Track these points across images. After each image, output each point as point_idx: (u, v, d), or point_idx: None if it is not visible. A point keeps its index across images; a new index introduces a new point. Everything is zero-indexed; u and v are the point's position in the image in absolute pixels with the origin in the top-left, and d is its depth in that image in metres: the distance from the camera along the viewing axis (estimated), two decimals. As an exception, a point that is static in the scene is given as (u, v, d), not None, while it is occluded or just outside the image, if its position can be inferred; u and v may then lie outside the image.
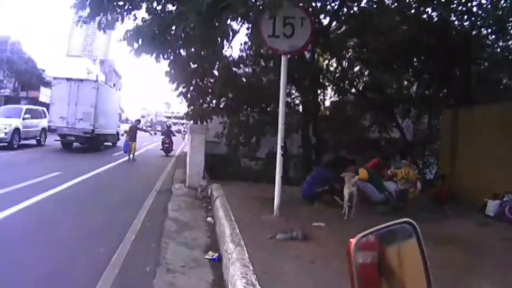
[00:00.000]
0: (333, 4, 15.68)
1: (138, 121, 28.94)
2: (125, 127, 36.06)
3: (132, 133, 25.60)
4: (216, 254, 6.83)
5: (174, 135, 33.73)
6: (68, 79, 29.04)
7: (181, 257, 6.76)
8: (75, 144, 29.16)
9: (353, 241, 1.65)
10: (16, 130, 25.98)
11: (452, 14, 14.01)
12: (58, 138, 28.64)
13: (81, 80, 30.13)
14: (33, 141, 29.12)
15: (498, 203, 10.37)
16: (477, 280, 5.42)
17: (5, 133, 25.05)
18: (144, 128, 43.63)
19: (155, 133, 43.96)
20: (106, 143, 31.87)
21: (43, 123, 29.83)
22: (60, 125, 28.08)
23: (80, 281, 5.61)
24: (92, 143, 28.77)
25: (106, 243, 7.32)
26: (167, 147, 30.88)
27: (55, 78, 31.29)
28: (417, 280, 1.83)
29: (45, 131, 30.13)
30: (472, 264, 6.09)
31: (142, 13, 12.27)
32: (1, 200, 10.29)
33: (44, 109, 31.83)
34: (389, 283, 1.77)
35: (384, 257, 1.78)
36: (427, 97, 18.18)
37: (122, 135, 34.13)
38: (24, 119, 27.42)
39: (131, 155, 24.68)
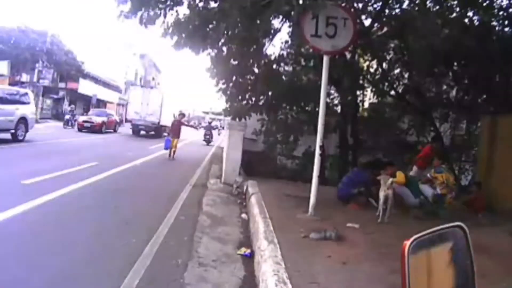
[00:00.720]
0: (375, 5, 15.58)
1: (182, 115, 25.56)
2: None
3: (175, 129, 22.64)
4: (249, 250, 6.85)
5: (214, 129, 42.62)
6: (142, 86, 46.01)
7: (214, 251, 6.80)
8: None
9: (407, 243, 1.64)
10: None
11: (493, 19, 13.80)
12: (131, 127, 41.47)
13: (151, 87, 47.59)
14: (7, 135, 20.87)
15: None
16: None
17: None
18: (188, 122, 43.83)
19: (199, 128, 46.15)
20: (164, 133, 37.34)
21: (23, 110, 21.74)
22: (135, 118, 40.66)
23: (111, 270, 5.66)
24: (157, 132, 40.14)
25: (139, 234, 7.42)
26: (208, 138, 39.98)
27: (132, 85, 46.68)
28: (463, 284, 1.82)
29: (25, 121, 21.91)
30: (503, 274, 5.99)
31: (184, 9, 12.35)
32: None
33: (28, 91, 25.64)
34: (438, 285, 1.76)
35: (435, 260, 1.77)
36: (466, 103, 17.92)
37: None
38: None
39: (172, 154, 21.89)
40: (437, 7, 14.26)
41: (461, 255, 1.84)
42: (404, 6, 15.24)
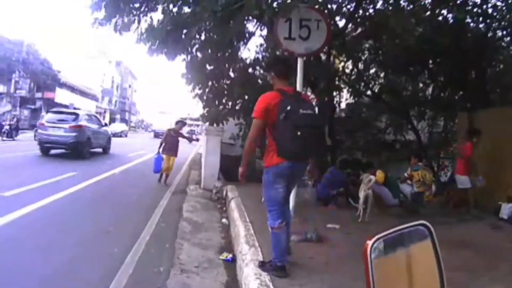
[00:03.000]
0: (348, 6, 15.65)
1: (182, 123, 18.42)
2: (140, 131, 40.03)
3: (171, 142, 16.37)
4: (230, 255, 6.87)
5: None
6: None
7: (195, 257, 6.79)
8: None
9: (369, 243, 1.66)
10: None
11: (468, 16, 13.94)
12: None
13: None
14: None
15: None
16: (490, 283, 5.39)
17: None
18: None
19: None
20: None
21: None
22: None
23: (94, 280, 5.65)
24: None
25: (121, 243, 7.41)
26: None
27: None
28: (432, 282, 1.84)
29: None
30: (484, 267, 6.05)
31: (158, 15, 12.34)
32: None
33: None
34: (404, 285, 1.78)
35: (400, 259, 1.79)
36: (443, 100, 18.07)
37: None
38: None
39: (165, 177, 16.09)
40: (411, 6, 14.35)
41: (428, 255, 1.86)
42: (378, 6, 15.33)
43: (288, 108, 5.26)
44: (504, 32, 14.81)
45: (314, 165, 6.42)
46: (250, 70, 16.44)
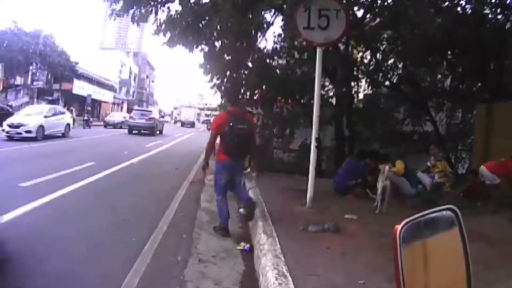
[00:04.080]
0: (367, -4, 15.55)
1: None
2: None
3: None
4: (248, 245, 6.87)
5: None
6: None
7: (213, 247, 6.82)
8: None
9: (398, 227, 1.64)
10: None
11: (486, 7, 13.80)
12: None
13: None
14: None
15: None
16: (507, 277, 5.34)
17: None
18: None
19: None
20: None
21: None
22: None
23: (112, 269, 5.68)
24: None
25: (139, 233, 7.43)
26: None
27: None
28: (458, 268, 1.82)
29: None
30: (501, 260, 5.99)
31: (175, 6, 12.35)
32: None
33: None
34: (431, 271, 1.76)
35: (427, 245, 1.77)
36: (461, 91, 17.94)
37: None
38: None
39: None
40: (429, -4, 14.24)
41: (455, 241, 1.84)
42: (397, -5, 15.20)
43: (231, 124, 7.65)
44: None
45: (255, 162, 9.66)
46: (268, 60, 16.42)
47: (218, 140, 8.06)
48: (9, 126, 24.69)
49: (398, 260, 1.60)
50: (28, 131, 24.63)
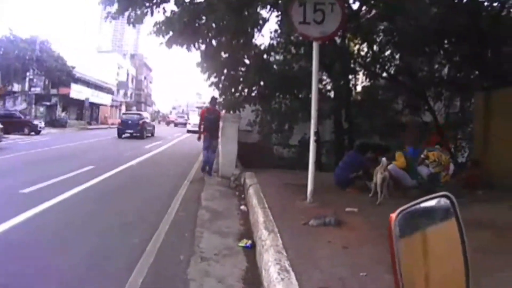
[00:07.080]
0: (362, -12, 15.55)
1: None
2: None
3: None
4: (250, 242, 6.86)
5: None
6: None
7: (215, 245, 6.80)
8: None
9: (393, 215, 1.62)
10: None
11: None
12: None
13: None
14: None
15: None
16: (508, 265, 5.32)
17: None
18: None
19: None
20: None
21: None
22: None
23: (116, 270, 5.69)
24: None
25: (141, 233, 7.44)
26: None
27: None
28: (456, 257, 1.81)
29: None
30: (502, 248, 5.96)
31: (171, 6, 12.35)
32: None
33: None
34: (428, 260, 1.75)
35: (423, 235, 1.75)
36: (459, 80, 17.91)
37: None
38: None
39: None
40: (425, -14, 14.23)
41: (452, 228, 1.83)
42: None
43: (206, 115, 14.99)
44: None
45: (216, 142, 15.26)
46: (265, 56, 16.43)
47: None
48: None
49: (393, 249, 1.59)
50: None
